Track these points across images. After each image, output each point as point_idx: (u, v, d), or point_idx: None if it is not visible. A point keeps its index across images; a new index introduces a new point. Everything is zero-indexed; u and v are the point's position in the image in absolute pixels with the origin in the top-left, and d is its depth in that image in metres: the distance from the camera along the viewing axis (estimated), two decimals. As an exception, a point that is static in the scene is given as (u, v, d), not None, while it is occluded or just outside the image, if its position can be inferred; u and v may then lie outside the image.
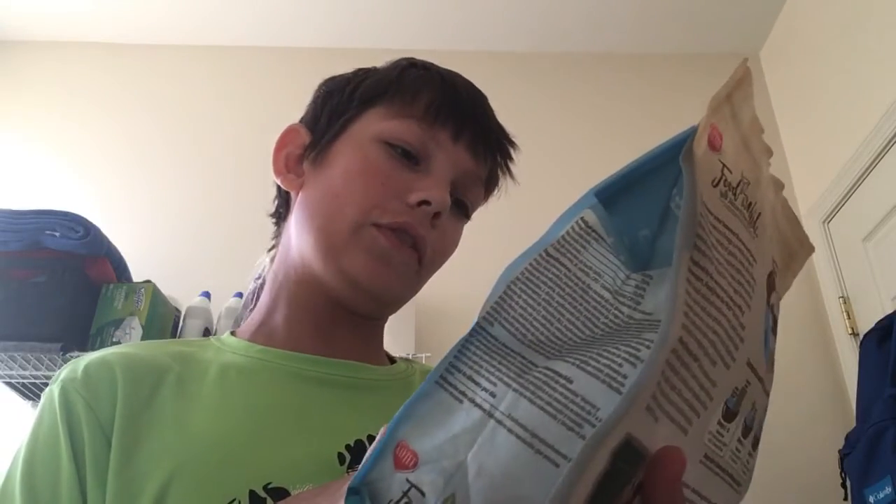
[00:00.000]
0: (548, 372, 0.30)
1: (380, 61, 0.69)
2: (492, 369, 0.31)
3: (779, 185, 0.38)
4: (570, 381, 0.29)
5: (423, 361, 1.13)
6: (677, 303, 0.28)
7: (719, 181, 0.32)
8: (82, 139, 2.18)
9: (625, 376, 0.27)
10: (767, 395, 0.35)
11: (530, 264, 0.34)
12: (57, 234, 1.53)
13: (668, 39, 2.32)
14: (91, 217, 1.62)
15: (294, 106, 0.72)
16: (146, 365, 0.55)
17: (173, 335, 1.65)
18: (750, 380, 0.32)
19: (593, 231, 0.33)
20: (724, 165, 0.32)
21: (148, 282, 1.61)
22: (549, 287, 0.33)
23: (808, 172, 2.08)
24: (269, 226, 0.71)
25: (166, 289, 1.66)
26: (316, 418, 0.55)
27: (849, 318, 1.82)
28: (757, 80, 2.30)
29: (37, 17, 2.27)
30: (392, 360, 0.68)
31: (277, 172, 0.65)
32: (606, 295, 0.32)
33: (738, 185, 0.33)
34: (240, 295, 1.69)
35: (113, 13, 2.26)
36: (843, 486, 1.43)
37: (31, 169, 2.13)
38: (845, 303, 1.85)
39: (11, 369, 1.55)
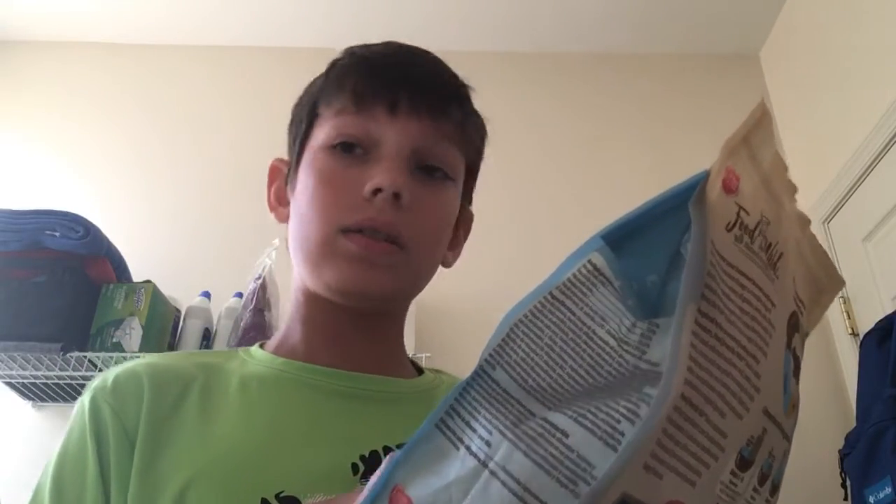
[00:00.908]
0: (545, 424, 0.29)
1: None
2: (489, 416, 0.31)
3: (805, 222, 0.37)
4: (567, 436, 0.28)
5: (423, 362, 1.12)
6: (680, 359, 0.27)
7: (734, 225, 0.31)
8: (82, 139, 2.18)
9: (622, 433, 0.27)
10: (788, 440, 0.34)
11: (535, 306, 0.33)
12: (57, 234, 1.53)
13: (668, 39, 2.32)
14: (91, 217, 1.62)
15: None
16: (172, 374, 0.57)
17: (173, 335, 1.65)
18: (767, 427, 0.32)
19: (601, 274, 0.32)
20: (740, 208, 0.32)
21: (148, 282, 1.61)
22: (553, 331, 0.32)
23: (808, 172, 2.08)
24: (269, 225, 0.72)
25: (166, 289, 1.66)
26: (331, 429, 0.56)
27: (849, 318, 1.82)
28: (757, 80, 2.30)
29: (37, 17, 2.26)
30: (420, 370, 0.69)
31: (271, 209, 0.68)
32: (611, 342, 0.31)
33: (756, 227, 0.32)
34: (240, 295, 1.69)
35: (113, 13, 2.26)
36: (843, 486, 1.43)
37: (31, 169, 2.13)
38: (845, 303, 1.85)
39: (11, 369, 1.55)
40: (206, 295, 1.73)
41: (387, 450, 0.54)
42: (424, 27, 2.25)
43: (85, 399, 0.56)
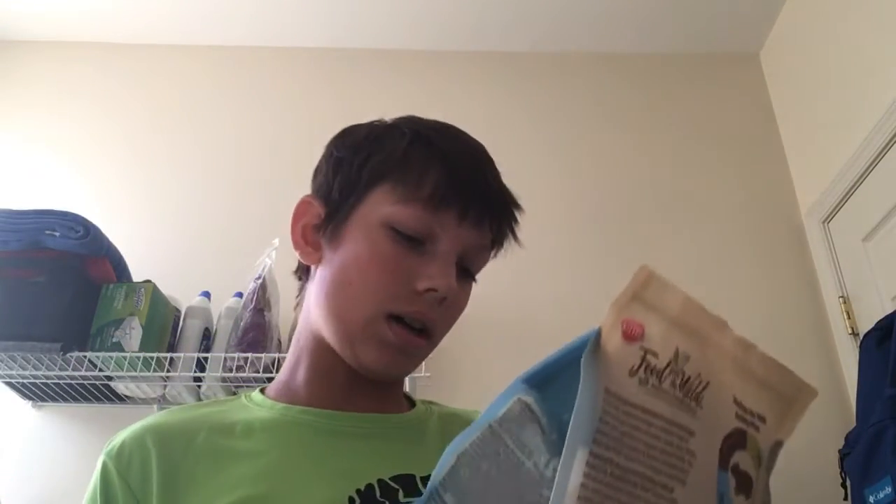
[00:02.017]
0: None
1: (380, 61, 0.69)
2: None
3: (746, 346, 0.41)
4: None
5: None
6: (564, 500, 0.31)
7: (639, 368, 0.35)
8: (82, 139, 2.18)
9: None
10: None
11: (476, 438, 0.37)
12: (57, 233, 1.53)
13: (668, 39, 2.32)
14: (91, 217, 1.62)
15: (293, 106, 0.73)
16: (177, 430, 0.62)
17: (173, 335, 1.65)
18: None
19: (531, 412, 0.36)
20: (646, 351, 0.36)
21: (148, 282, 1.61)
22: (489, 461, 0.36)
23: (808, 172, 2.08)
24: (269, 226, 0.73)
25: (166, 289, 1.66)
26: (329, 466, 0.60)
27: (849, 318, 1.82)
28: (757, 80, 2.30)
29: (37, 17, 2.26)
30: (413, 402, 0.73)
31: (296, 245, 0.69)
32: (535, 474, 0.35)
33: (667, 366, 0.36)
34: (240, 295, 1.69)
35: (113, 13, 2.26)
36: (843, 486, 1.43)
37: (31, 169, 2.13)
38: (845, 303, 1.85)
39: (11, 369, 1.55)
40: (206, 295, 1.73)
41: (380, 483, 0.59)
42: (424, 27, 2.25)
43: (99, 465, 0.61)
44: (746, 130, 2.22)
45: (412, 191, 0.62)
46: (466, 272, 0.66)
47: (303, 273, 0.72)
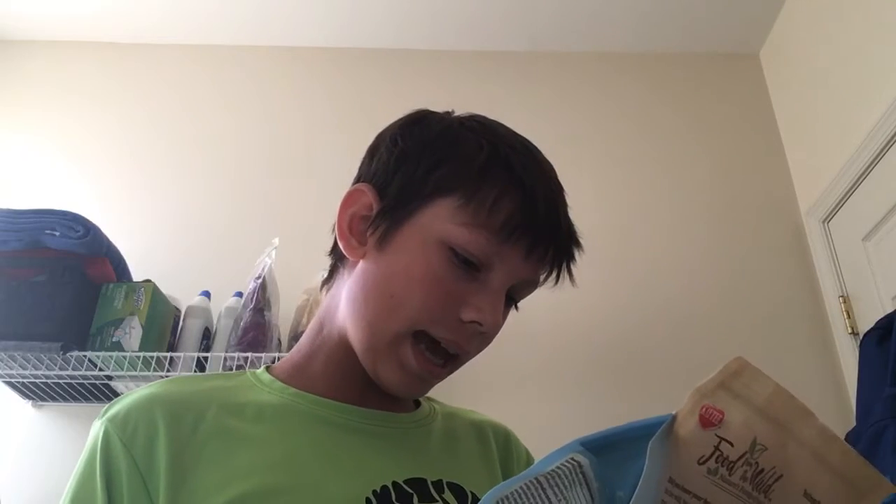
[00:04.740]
0: None
1: (380, 61, 0.69)
2: None
3: (830, 438, 0.40)
4: None
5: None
6: None
7: (710, 457, 0.35)
8: (82, 139, 2.18)
9: None
10: None
11: (521, 486, 0.37)
12: (57, 233, 1.54)
13: (668, 39, 2.32)
14: (91, 217, 1.62)
15: (293, 105, 0.72)
16: (186, 403, 0.58)
17: (173, 335, 1.65)
18: None
19: (583, 474, 0.36)
20: (721, 440, 0.36)
21: (148, 281, 1.61)
22: None
23: (808, 172, 2.08)
24: (269, 226, 0.72)
25: (166, 288, 1.66)
26: (345, 462, 0.59)
27: (849, 317, 1.82)
28: (757, 80, 2.30)
29: (37, 17, 2.27)
30: (417, 401, 0.72)
31: (340, 234, 0.65)
32: None
33: (741, 457, 0.36)
34: (240, 295, 1.69)
35: (113, 13, 2.26)
36: (843, 485, 1.43)
37: (31, 168, 2.13)
38: (845, 302, 1.85)
39: (11, 369, 1.55)
40: (206, 294, 1.73)
41: (395, 485, 0.58)
42: (424, 27, 2.25)
43: (98, 430, 0.57)
44: (746, 130, 2.22)
45: (483, 216, 0.58)
46: (510, 300, 0.64)
47: (339, 259, 0.68)
